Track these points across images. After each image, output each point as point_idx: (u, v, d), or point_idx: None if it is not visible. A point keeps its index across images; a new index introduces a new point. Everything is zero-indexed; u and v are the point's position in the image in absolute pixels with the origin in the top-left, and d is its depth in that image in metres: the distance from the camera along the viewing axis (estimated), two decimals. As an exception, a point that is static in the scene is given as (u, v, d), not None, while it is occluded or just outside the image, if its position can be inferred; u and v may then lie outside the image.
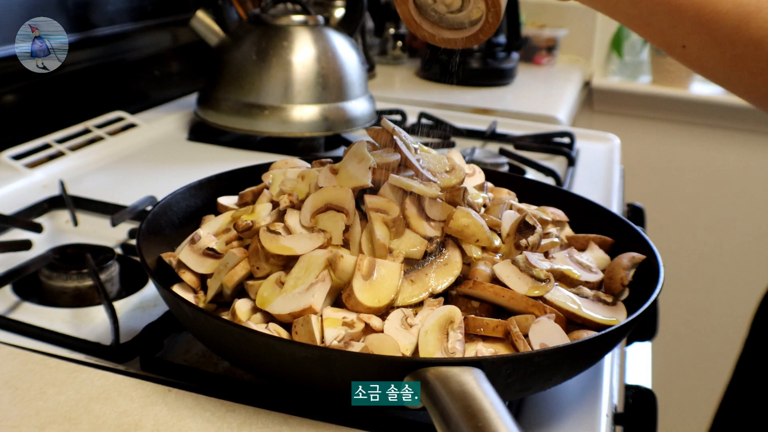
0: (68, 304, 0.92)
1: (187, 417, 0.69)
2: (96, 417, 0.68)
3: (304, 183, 0.83)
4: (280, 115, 1.43)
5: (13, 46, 1.14)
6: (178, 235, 0.87)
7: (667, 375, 2.64)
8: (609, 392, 0.82)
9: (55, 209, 1.16)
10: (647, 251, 0.84)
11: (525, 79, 2.28)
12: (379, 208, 0.77)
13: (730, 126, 2.55)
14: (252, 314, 0.73)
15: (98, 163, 1.36)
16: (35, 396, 0.70)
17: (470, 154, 1.46)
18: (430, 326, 0.69)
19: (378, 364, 0.64)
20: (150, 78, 1.72)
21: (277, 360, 0.66)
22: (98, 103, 1.52)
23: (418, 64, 2.31)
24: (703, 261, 2.65)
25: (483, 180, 0.94)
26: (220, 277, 0.77)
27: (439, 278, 0.75)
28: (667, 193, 2.65)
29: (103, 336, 0.83)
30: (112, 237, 1.07)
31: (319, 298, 0.70)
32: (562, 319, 0.73)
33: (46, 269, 0.93)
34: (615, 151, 1.66)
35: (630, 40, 2.70)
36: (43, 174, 1.27)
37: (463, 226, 0.76)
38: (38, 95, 1.37)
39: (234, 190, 0.94)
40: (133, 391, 0.72)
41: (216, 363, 0.80)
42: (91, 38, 1.49)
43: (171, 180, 1.09)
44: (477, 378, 0.59)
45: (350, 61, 1.50)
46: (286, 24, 1.47)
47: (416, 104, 1.88)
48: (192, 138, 1.54)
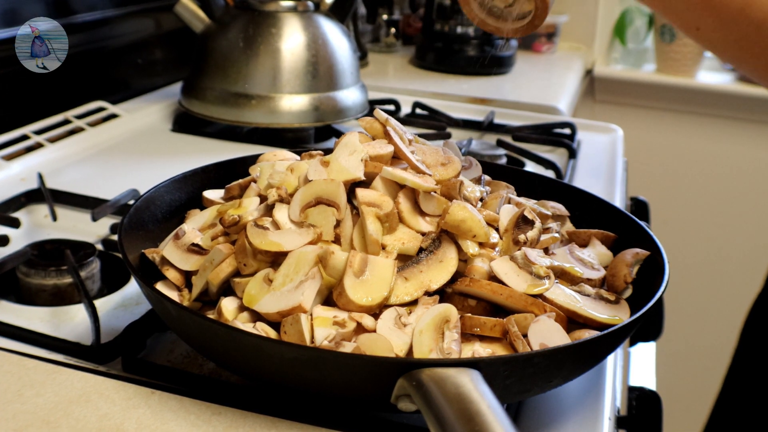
0: (47, 303, 0.92)
1: (170, 420, 0.69)
2: (76, 420, 0.68)
3: (294, 176, 0.83)
4: (269, 105, 1.43)
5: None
6: (162, 231, 0.87)
7: (672, 376, 2.65)
8: (612, 394, 0.82)
9: (33, 203, 1.15)
10: (652, 247, 0.84)
11: (524, 67, 2.28)
12: (372, 202, 0.77)
13: (737, 116, 2.56)
14: (239, 313, 0.73)
15: (78, 155, 1.36)
16: (12, 398, 0.70)
17: (467, 145, 1.46)
18: (424, 325, 0.69)
19: (370, 366, 0.64)
20: (132, 66, 1.72)
21: (265, 361, 0.66)
22: (78, 92, 1.52)
23: (413, 51, 2.31)
24: (710, 257, 2.66)
25: (480, 173, 0.94)
26: (205, 275, 0.77)
27: (435, 275, 0.75)
28: (672, 187, 2.65)
29: (83, 336, 0.83)
30: (93, 232, 1.07)
31: (308, 296, 0.70)
32: (562, 318, 0.73)
33: (24, 266, 0.93)
34: (618, 142, 1.66)
35: (633, 26, 2.70)
36: (21, 166, 1.26)
37: (460, 221, 0.76)
38: (15, 84, 1.36)
39: (220, 183, 0.94)
40: (115, 393, 0.72)
41: (201, 364, 0.80)
42: (70, 24, 1.48)
43: (154, 173, 1.09)
44: (474, 380, 0.59)
45: (341, 48, 1.50)
46: (275, 10, 1.47)
47: (410, 94, 1.88)
48: (176, 129, 1.53)
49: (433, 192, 0.80)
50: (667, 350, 1.75)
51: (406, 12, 2.50)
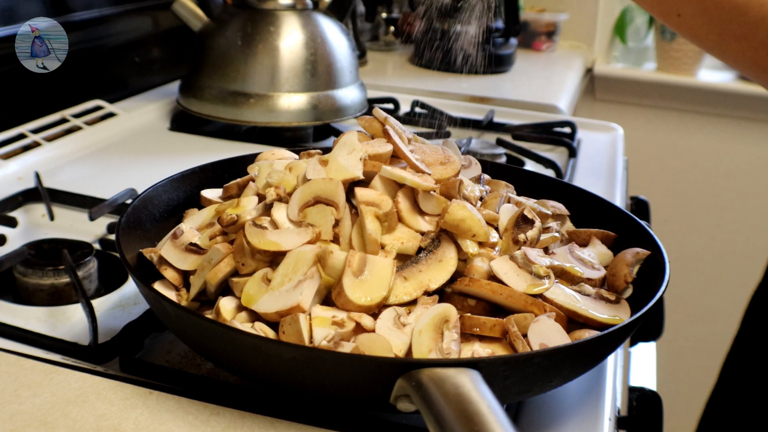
0: (44, 302, 0.92)
1: (168, 421, 0.69)
2: (73, 421, 0.68)
3: (292, 175, 0.83)
4: (267, 104, 1.43)
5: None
6: (160, 230, 0.87)
7: (672, 377, 2.65)
8: (612, 395, 0.82)
9: (30, 202, 1.15)
10: (652, 246, 0.84)
11: (524, 65, 2.28)
12: (371, 201, 0.77)
13: (738, 115, 2.56)
14: (237, 313, 0.73)
15: (76, 154, 1.36)
16: (9, 399, 0.70)
17: (466, 144, 1.46)
18: (424, 325, 0.69)
19: (369, 366, 0.64)
20: (130, 65, 1.72)
21: (264, 361, 0.66)
22: (76, 91, 1.52)
23: (412, 50, 2.31)
24: (711, 257, 2.66)
25: (480, 172, 0.94)
26: (203, 274, 0.76)
27: (434, 275, 0.75)
28: (672, 186, 2.65)
29: (81, 336, 0.83)
30: (90, 232, 1.07)
31: (307, 296, 0.70)
32: (562, 318, 0.73)
33: (21, 265, 0.93)
34: (618, 141, 1.66)
35: (634, 24, 2.70)
36: (18, 165, 1.26)
37: (459, 221, 0.76)
38: (12, 83, 1.36)
39: (218, 182, 0.94)
40: (112, 393, 0.72)
41: (199, 364, 0.80)
42: (68, 23, 1.48)
43: (152, 172, 1.09)
44: (473, 380, 0.59)
45: (340, 47, 1.50)
46: (273, 8, 1.47)
47: (409, 92, 1.88)
48: (174, 128, 1.53)
49: (432, 191, 0.80)
50: (668, 350, 1.75)
51: (406, 10, 2.50)
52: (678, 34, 0.92)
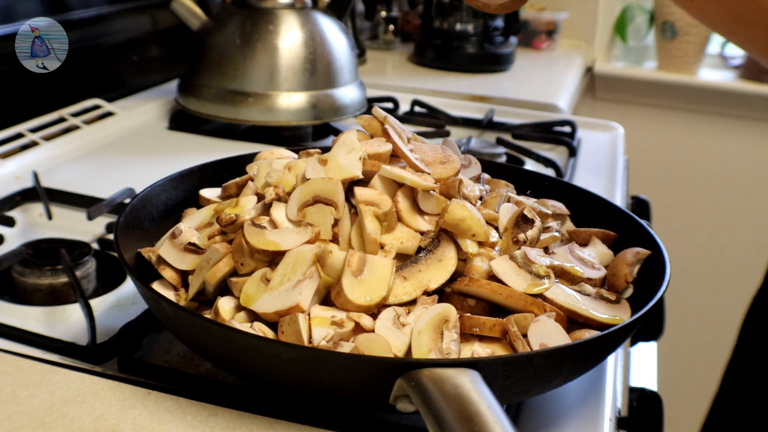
0: (42, 302, 0.92)
1: (167, 421, 0.69)
2: (71, 421, 0.68)
3: (291, 174, 0.83)
4: (266, 103, 1.43)
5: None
6: (158, 230, 0.87)
7: (673, 377, 2.66)
8: (612, 395, 0.82)
9: (28, 202, 1.15)
10: (653, 246, 0.84)
11: (524, 64, 2.28)
12: (370, 200, 0.77)
13: (739, 114, 2.56)
14: (236, 313, 0.73)
15: (74, 153, 1.36)
16: (7, 399, 0.70)
17: (466, 143, 1.46)
18: (423, 325, 0.69)
19: (369, 366, 0.64)
20: (128, 64, 1.72)
21: (263, 361, 0.66)
22: (74, 90, 1.52)
23: (411, 49, 2.31)
24: (711, 256, 2.66)
25: (479, 171, 0.94)
26: (202, 274, 0.76)
27: (433, 275, 0.75)
28: (673, 185, 2.65)
29: (79, 336, 0.83)
30: (89, 231, 1.07)
31: (306, 296, 0.70)
32: (562, 318, 0.73)
33: (19, 265, 0.93)
34: (618, 140, 1.66)
35: (634, 23, 2.70)
36: (16, 165, 1.26)
37: (459, 220, 0.76)
38: (10, 82, 1.36)
39: (217, 181, 0.94)
40: (111, 393, 0.72)
41: (198, 364, 0.80)
42: (66, 21, 1.48)
43: (150, 171, 1.09)
44: (473, 380, 0.59)
45: (339, 45, 1.50)
46: (272, 6, 1.47)
47: (409, 91, 1.88)
48: (172, 127, 1.53)
49: (432, 191, 0.80)
50: (668, 350, 1.75)
51: (405, 9, 2.50)
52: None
